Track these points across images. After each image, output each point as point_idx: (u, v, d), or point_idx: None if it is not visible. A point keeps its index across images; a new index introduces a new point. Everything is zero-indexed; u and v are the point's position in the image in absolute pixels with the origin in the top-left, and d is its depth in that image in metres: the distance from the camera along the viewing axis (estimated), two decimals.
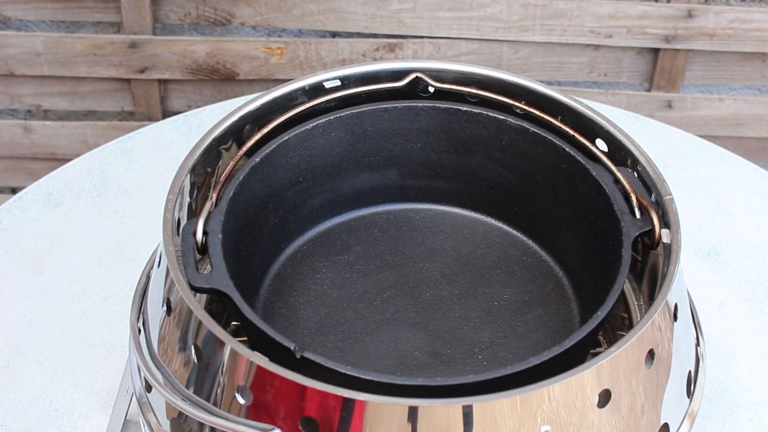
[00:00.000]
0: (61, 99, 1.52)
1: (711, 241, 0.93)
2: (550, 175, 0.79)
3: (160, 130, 1.05)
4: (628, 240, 0.70)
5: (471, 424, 0.58)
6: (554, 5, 1.43)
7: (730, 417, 0.77)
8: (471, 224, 0.84)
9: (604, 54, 1.50)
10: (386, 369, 0.72)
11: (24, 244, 0.91)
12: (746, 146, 1.58)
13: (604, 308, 0.65)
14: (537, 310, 0.77)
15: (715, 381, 0.79)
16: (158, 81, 1.50)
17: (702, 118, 1.54)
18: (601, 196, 0.74)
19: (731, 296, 0.87)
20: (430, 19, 1.45)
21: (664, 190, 0.72)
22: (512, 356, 0.73)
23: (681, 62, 1.50)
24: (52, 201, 0.95)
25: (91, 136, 1.54)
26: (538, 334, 0.75)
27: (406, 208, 0.85)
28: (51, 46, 1.44)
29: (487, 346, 0.74)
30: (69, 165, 1.00)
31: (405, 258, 0.81)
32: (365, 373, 0.60)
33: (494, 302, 0.78)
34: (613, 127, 0.77)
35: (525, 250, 0.82)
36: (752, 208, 0.96)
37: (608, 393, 0.62)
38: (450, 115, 0.81)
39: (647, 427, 0.65)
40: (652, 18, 1.45)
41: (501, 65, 1.50)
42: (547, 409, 0.59)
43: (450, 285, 0.79)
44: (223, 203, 0.71)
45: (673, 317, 0.68)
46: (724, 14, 1.45)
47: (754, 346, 0.83)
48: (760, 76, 1.54)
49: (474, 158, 0.82)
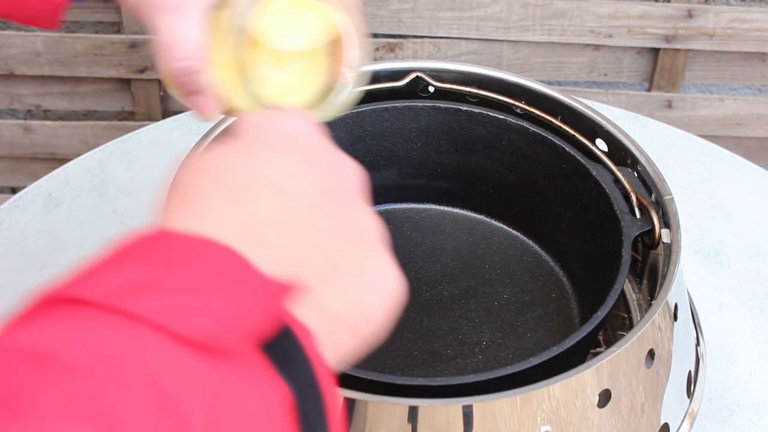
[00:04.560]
0: (61, 99, 1.52)
1: (711, 241, 0.93)
2: (550, 175, 0.79)
3: (160, 130, 1.04)
4: (628, 240, 0.70)
5: (471, 424, 0.58)
6: (554, 5, 1.43)
7: (730, 417, 0.77)
8: (471, 224, 0.84)
9: (604, 54, 1.50)
10: (386, 369, 0.72)
11: (24, 244, 0.91)
12: (746, 146, 1.58)
13: (604, 308, 0.65)
14: (537, 310, 0.77)
15: (715, 381, 0.79)
16: (158, 81, 1.50)
17: (702, 118, 1.54)
18: (601, 196, 0.73)
19: (731, 296, 0.87)
20: (430, 19, 1.45)
21: (664, 190, 0.72)
22: (512, 356, 0.73)
23: (681, 62, 1.50)
24: (52, 201, 0.95)
25: (91, 136, 1.54)
26: (538, 334, 0.75)
27: (406, 208, 0.85)
28: (51, 46, 1.44)
29: (487, 346, 0.74)
30: (69, 165, 0.99)
31: (405, 258, 0.81)
32: (365, 373, 0.60)
33: (494, 302, 0.78)
34: (613, 127, 0.77)
35: (525, 250, 0.82)
36: (752, 208, 0.96)
37: (608, 393, 0.62)
38: (450, 115, 0.81)
39: (647, 427, 0.65)
40: (652, 18, 1.45)
41: (501, 65, 1.50)
42: (547, 409, 0.59)
43: (450, 285, 0.79)
44: None
45: (673, 317, 0.68)
46: (724, 14, 1.45)
47: (754, 346, 0.83)
48: (760, 76, 1.54)
49: (474, 158, 0.82)
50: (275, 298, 0.35)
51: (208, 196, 0.40)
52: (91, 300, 0.32)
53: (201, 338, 0.32)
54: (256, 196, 0.40)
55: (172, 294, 0.33)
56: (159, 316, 0.32)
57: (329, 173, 0.42)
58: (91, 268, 0.35)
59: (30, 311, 0.33)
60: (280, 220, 0.39)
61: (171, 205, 0.40)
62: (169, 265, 0.35)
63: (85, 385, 0.30)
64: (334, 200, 0.41)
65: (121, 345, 0.31)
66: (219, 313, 0.34)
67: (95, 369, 0.30)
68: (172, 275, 0.34)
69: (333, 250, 0.40)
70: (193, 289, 0.34)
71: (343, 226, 0.41)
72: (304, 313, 0.38)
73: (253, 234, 0.38)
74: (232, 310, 0.34)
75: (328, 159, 0.43)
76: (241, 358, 0.34)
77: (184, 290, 0.34)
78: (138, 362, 0.31)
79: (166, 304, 0.33)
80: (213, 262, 0.36)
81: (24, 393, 0.29)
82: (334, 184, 0.42)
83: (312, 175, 0.42)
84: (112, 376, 0.30)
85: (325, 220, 0.41)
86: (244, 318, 0.34)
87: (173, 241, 0.36)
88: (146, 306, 0.32)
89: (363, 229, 0.42)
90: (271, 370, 0.35)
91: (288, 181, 0.41)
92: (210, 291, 0.34)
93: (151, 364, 0.31)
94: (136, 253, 0.36)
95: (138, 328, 0.32)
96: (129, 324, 0.32)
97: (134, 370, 0.31)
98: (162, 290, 0.33)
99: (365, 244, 0.42)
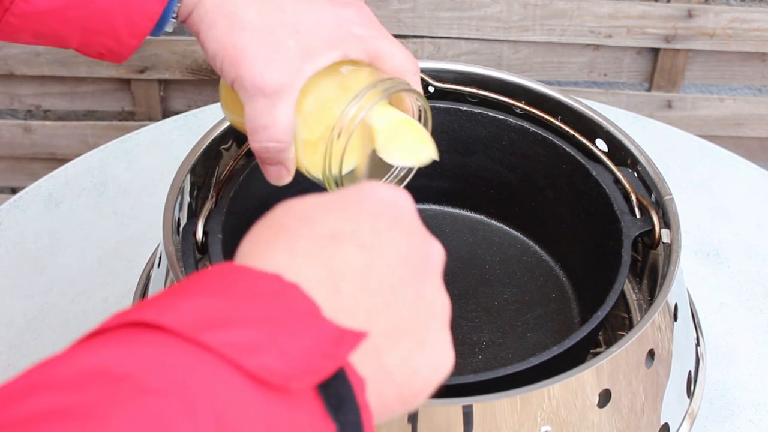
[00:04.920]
0: (61, 99, 1.52)
1: (711, 241, 0.93)
2: (550, 175, 0.79)
3: (160, 130, 1.04)
4: (628, 240, 0.70)
5: (471, 424, 0.58)
6: (554, 5, 1.43)
7: (730, 417, 0.77)
8: (471, 224, 0.84)
9: (604, 54, 1.50)
10: None
11: (24, 244, 0.91)
12: (746, 146, 1.58)
13: (604, 308, 0.65)
14: (537, 310, 0.77)
15: (715, 381, 0.79)
16: (158, 81, 1.50)
17: (702, 118, 1.54)
18: (601, 196, 0.73)
19: (731, 296, 0.87)
20: (430, 19, 1.45)
21: (664, 190, 0.72)
22: (512, 356, 0.73)
23: (681, 62, 1.50)
24: (52, 201, 0.95)
25: (91, 136, 1.54)
26: (538, 334, 0.75)
27: None
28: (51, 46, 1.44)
29: (487, 346, 0.74)
30: (69, 165, 0.99)
31: None
32: None
33: (494, 302, 0.78)
34: (613, 127, 0.77)
35: (525, 250, 0.82)
36: (752, 208, 0.96)
37: (608, 393, 0.62)
38: (450, 115, 0.81)
39: (647, 427, 0.65)
40: (652, 18, 1.45)
41: (501, 65, 1.50)
42: (547, 409, 0.59)
43: (450, 285, 0.78)
44: (223, 203, 0.71)
45: (673, 317, 0.68)
46: (724, 14, 1.45)
47: (754, 346, 0.83)
48: (760, 76, 1.54)
49: (474, 158, 0.82)
50: (340, 346, 0.36)
51: (295, 237, 0.41)
52: (168, 327, 0.34)
53: (267, 375, 0.34)
54: (342, 248, 0.41)
55: (245, 329, 0.35)
56: (230, 350, 0.34)
57: (415, 245, 0.44)
58: (171, 294, 0.36)
59: (108, 331, 0.34)
60: (360, 275, 0.40)
61: (256, 238, 0.42)
62: (245, 301, 0.36)
63: (158, 408, 0.31)
64: (415, 271, 0.43)
65: (193, 374, 0.33)
66: (286, 352, 0.35)
67: (168, 393, 0.32)
68: (247, 311, 0.36)
69: (403, 315, 0.41)
70: (265, 327, 0.35)
71: (418, 297, 0.42)
72: (363, 362, 0.39)
73: (331, 282, 0.39)
74: (298, 351, 0.35)
75: (417, 232, 0.45)
76: (300, 396, 0.35)
77: (256, 327, 0.35)
78: (207, 392, 0.32)
79: (238, 339, 0.34)
80: (287, 302, 0.37)
81: (100, 408, 0.31)
82: (419, 256, 0.43)
83: (399, 242, 0.43)
84: (183, 402, 0.32)
85: (402, 286, 0.42)
86: (308, 360, 0.35)
87: (252, 276, 0.38)
88: (219, 339, 0.34)
89: (435, 305, 0.43)
90: (323, 412, 0.36)
91: (376, 242, 0.42)
92: (280, 330, 0.35)
93: (218, 395, 0.33)
94: (214, 285, 0.37)
95: (210, 359, 0.33)
96: (202, 355, 0.33)
97: (203, 400, 0.32)
98: (235, 325, 0.35)
99: (433, 320, 0.43)
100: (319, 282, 0.39)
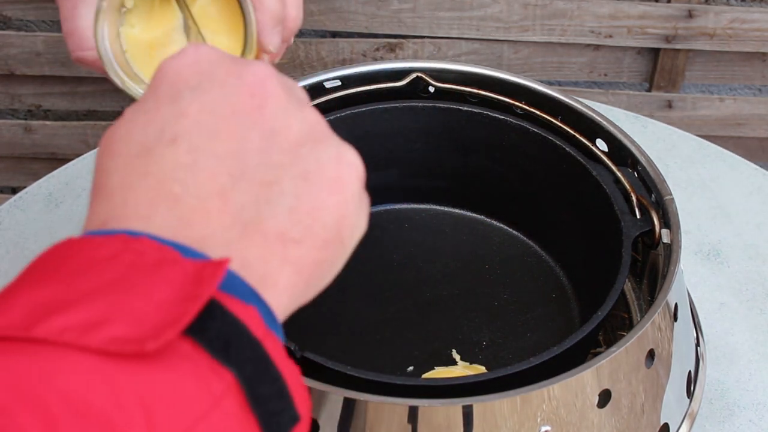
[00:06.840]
0: (61, 99, 1.52)
1: (711, 241, 0.93)
2: (550, 175, 0.79)
3: None
4: (628, 240, 0.70)
5: (471, 424, 0.58)
6: (554, 5, 1.43)
7: (730, 417, 0.77)
8: (471, 224, 0.84)
9: (604, 54, 1.50)
10: (386, 369, 0.72)
11: (24, 244, 0.91)
12: (746, 146, 1.58)
13: (604, 308, 0.65)
14: (537, 310, 0.77)
15: (715, 381, 0.79)
16: None
17: (702, 118, 1.54)
18: (602, 196, 0.73)
19: (731, 296, 0.87)
20: (430, 19, 1.45)
21: (664, 190, 0.72)
22: (512, 356, 0.73)
23: (681, 62, 1.50)
24: (52, 201, 0.95)
25: (92, 136, 1.54)
26: (538, 334, 0.75)
27: (406, 208, 0.85)
28: (51, 46, 1.44)
29: (487, 346, 0.74)
30: (69, 165, 0.99)
31: (405, 258, 0.81)
32: (365, 373, 0.60)
33: (494, 302, 0.78)
34: (613, 127, 0.77)
35: (525, 250, 0.82)
36: (752, 208, 0.96)
37: (608, 393, 0.62)
38: (450, 115, 0.81)
39: (647, 427, 0.65)
40: (653, 18, 1.44)
41: (501, 65, 1.50)
42: (547, 409, 0.59)
43: (450, 285, 0.79)
44: None
45: (673, 317, 0.68)
46: (724, 14, 1.45)
47: (754, 346, 0.83)
48: (760, 76, 1.53)
49: (474, 158, 0.82)
50: (201, 283, 0.33)
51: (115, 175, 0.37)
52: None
53: (118, 346, 0.30)
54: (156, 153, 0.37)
55: (82, 306, 0.31)
56: (70, 335, 0.30)
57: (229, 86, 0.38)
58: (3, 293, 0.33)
59: None
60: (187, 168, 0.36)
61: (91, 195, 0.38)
62: (81, 276, 0.33)
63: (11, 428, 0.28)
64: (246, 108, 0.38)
65: (33, 375, 0.29)
66: (133, 315, 0.31)
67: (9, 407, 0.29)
68: (84, 285, 0.32)
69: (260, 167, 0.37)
70: (105, 296, 0.32)
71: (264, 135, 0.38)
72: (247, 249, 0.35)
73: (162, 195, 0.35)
74: (150, 308, 0.32)
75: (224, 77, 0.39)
76: (175, 355, 0.32)
77: (95, 299, 0.32)
78: (56, 391, 0.29)
79: (76, 320, 0.31)
80: (129, 260, 0.33)
81: None
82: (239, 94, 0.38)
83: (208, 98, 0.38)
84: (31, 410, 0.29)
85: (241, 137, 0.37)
86: (163, 313, 0.32)
87: (92, 244, 0.34)
88: (55, 327, 0.30)
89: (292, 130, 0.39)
90: (209, 360, 0.32)
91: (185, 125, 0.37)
92: (124, 293, 0.32)
93: (70, 389, 0.29)
94: (48, 268, 0.33)
95: (50, 353, 0.30)
96: (40, 351, 0.30)
97: (53, 398, 0.29)
98: (71, 305, 0.31)
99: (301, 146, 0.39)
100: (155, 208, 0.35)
